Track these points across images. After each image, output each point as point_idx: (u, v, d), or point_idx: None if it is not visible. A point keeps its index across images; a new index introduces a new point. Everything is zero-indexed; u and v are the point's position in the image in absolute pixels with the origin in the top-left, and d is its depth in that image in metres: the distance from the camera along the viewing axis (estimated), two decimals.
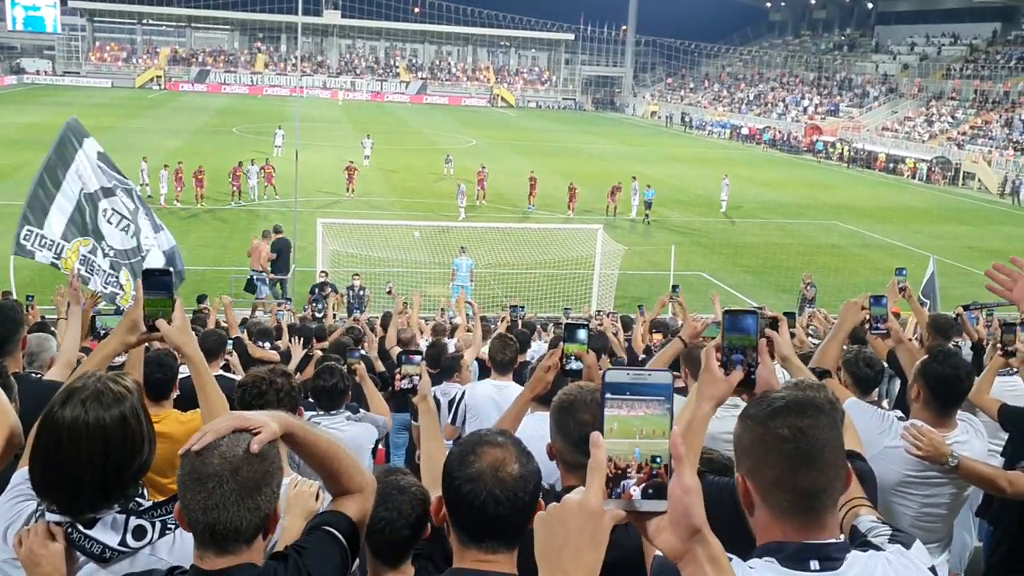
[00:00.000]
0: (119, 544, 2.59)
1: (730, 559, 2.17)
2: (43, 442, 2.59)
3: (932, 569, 2.34)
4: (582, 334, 3.74)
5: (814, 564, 2.15)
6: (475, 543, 2.32)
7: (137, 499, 2.67)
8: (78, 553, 2.60)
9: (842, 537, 2.25)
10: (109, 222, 12.03)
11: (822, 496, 2.20)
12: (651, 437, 1.60)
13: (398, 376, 4.05)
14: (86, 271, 11.73)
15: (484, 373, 8.15)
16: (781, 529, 2.19)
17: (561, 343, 3.75)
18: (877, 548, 2.30)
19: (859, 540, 2.31)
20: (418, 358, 3.99)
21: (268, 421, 2.31)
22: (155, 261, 12.33)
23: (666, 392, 1.62)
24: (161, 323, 3.08)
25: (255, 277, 22.53)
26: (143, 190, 32.66)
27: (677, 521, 1.61)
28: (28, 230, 11.59)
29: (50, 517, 2.61)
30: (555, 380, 3.73)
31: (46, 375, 5.11)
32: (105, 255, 11.91)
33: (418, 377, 4.02)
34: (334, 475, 2.59)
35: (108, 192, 12.15)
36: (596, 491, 1.59)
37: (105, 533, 2.59)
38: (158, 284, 3.10)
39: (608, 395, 1.62)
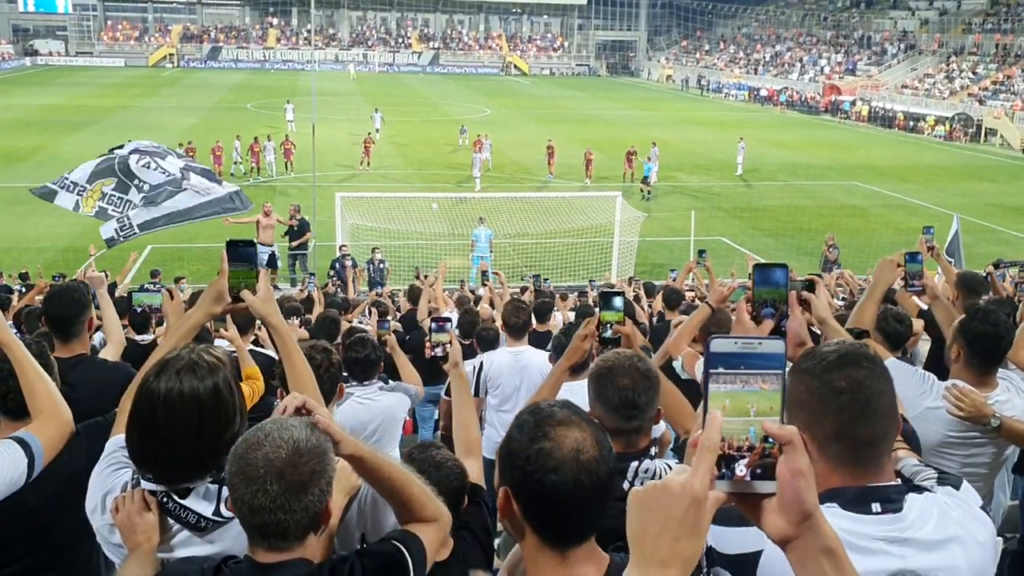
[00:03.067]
0: (213, 514, 2.63)
1: None
2: (139, 413, 2.64)
3: (983, 508, 2.35)
4: (618, 302, 3.69)
5: (876, 507, 2.16)
6: (558, 544, 2.00)
7: None
8: (172, 522, 2.64)
9: (898, 480, 2.25)
10: (145, 167, 12.04)
11: (880, 444, 2.22)
12: (766, 414, 1.48)
13: (428, 344, 4.03)
14: (110, 207, 11.73)
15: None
16: (840, 477, 2.21)
17: (597, 311, 3.71)
18: (928, 491, 2.31)
19: (909, 484, 2.31)
20: (448, 325, 3.97)
21: (340, 433, 2.36)
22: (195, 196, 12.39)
23: (780, 364, 1.49)
24: (246, 294, 3.09)
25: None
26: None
27: (787, 505, 1.51)
28: (61, 178, 11.69)
29: (145, 486, 2.66)
30: (591, 349, 3.69)
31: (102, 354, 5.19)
32: (140, 191, 11.86)
33: (449, 344, 4.00)
34: (405, 504, 2.57)
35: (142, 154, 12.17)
36: (704, 474, 1.45)
37: (199, 503, 2.63)
38: (242, 255, 3.12)
39: (718, 367, 1.49)
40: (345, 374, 5.64)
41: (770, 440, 1.48)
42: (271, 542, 2.27)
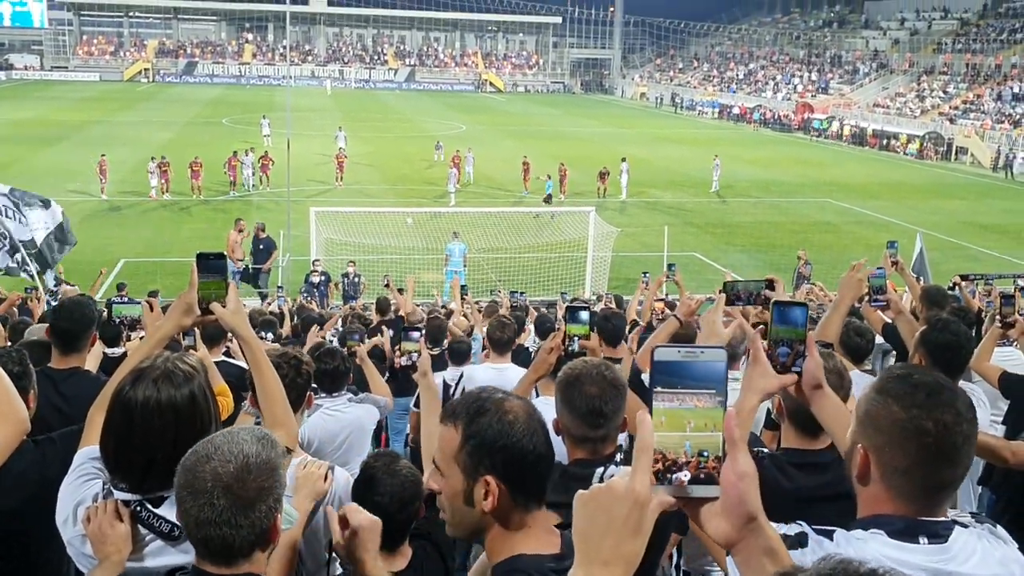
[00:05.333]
0: None
1: (832, 531, 2.13)
2: (115, 422, 2.64)
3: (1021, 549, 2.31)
4: (584, 316, 3.72)
5: (923, 540, 2.12)
6: (532, 501, 2.15)
7: None
8: (144, 531, 2.63)
9: (950, 516, 2.21)
10: (7, 216, 12.11)
11: (949, 488, 2.18)
12: (702, 430, 1.52)
13: (397, 354, 4.03)
14: None
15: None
16: (894, 507, 2.16)
17: (564, 324, 3.74)
18: (972, 526, 2.27)
19: (955, 520, 2.26)
20: (417, 335, 3.97)
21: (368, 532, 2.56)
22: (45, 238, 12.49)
23: (719, 381, 1.54)
24: (215, 306, 3.11)
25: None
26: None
27: (730, 508, 1.53)
28: None
29: (118, 495, 2.65)
30: (557, 362, 3.72)
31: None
32: (14, 248, 12.03)
33: (417, 354, 4.00)
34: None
35: None
36: (643, 475, 1.49)
37: (172, 511, 2.59)
38: (212, 267, 3.13)
39: (658, 384, 1.53)
40: (314, 385, 5.64)
41: (704, 455, 1.52)
42: (216, 557, 2.25)
